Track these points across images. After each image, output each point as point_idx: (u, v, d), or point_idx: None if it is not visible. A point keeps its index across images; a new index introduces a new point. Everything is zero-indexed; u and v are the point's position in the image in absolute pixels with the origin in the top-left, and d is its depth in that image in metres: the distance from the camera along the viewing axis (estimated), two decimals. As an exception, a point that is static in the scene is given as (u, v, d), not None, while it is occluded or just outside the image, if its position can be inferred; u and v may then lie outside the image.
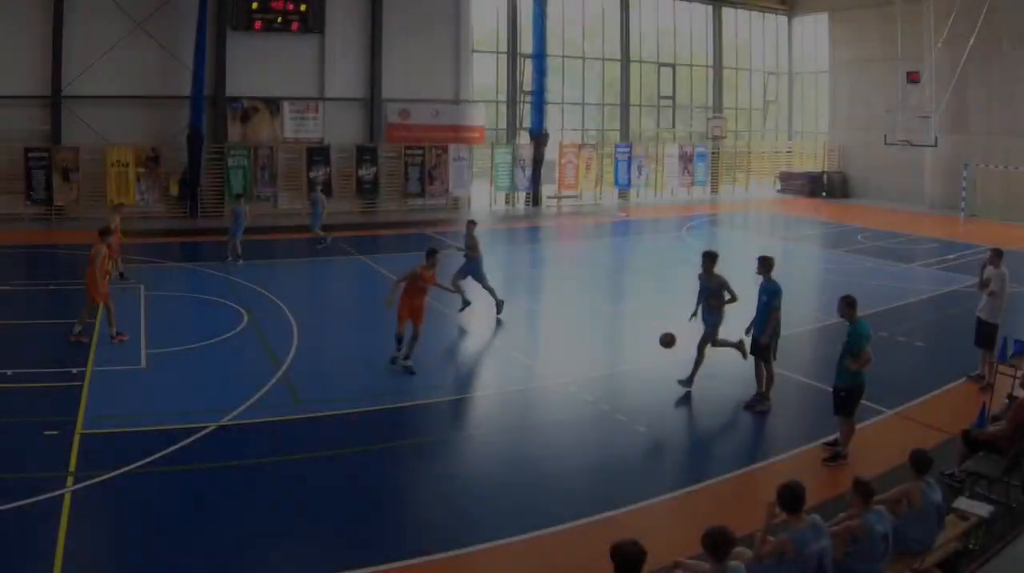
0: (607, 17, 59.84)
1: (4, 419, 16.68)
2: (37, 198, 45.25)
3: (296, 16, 49.15)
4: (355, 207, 51.32)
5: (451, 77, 54.39)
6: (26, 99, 45.47)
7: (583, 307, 28.29)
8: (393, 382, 19.77)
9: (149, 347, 21.92)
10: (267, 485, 14.62)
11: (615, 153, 58.44)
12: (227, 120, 49.27)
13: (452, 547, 12.50)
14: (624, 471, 15.46)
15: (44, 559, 11.68)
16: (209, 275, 30.94)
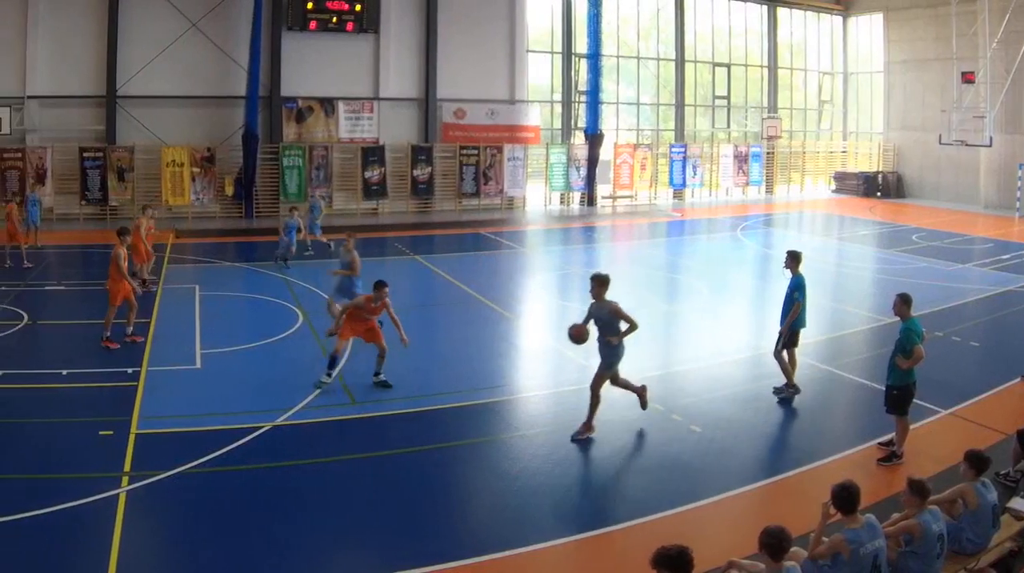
0: (662, 17, 57.86)
1: (60, 419, 16.43)
2: (92, 198, 44.06)
3: (351, 16, 47.63)
4: (410, 207, 50.03)
5: (506, 77, 52.66)
6: (81, 99, 44.30)
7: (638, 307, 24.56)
8: (448, 382, 19.25)
9: (203, 347, 21.45)
10: (321, 485, 14.20)
11: (670, 153, 56.49)
12: (282, 120, 47.87)
13: (505, 547, 12.13)
14: (678, 471, 14.92)
15: (99, 559, 11.40)
16: (264, 275, 29.99)
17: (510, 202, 52.32)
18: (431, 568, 11.49)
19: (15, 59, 43.29)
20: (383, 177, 48.79)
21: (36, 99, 43.71)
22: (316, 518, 12.91)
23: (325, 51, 47.76)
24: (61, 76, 43.91)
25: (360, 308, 18.85)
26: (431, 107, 50.58)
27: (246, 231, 42.76)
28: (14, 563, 11.33)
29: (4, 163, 42.87)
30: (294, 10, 46.37)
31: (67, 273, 30.71)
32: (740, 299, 21.19)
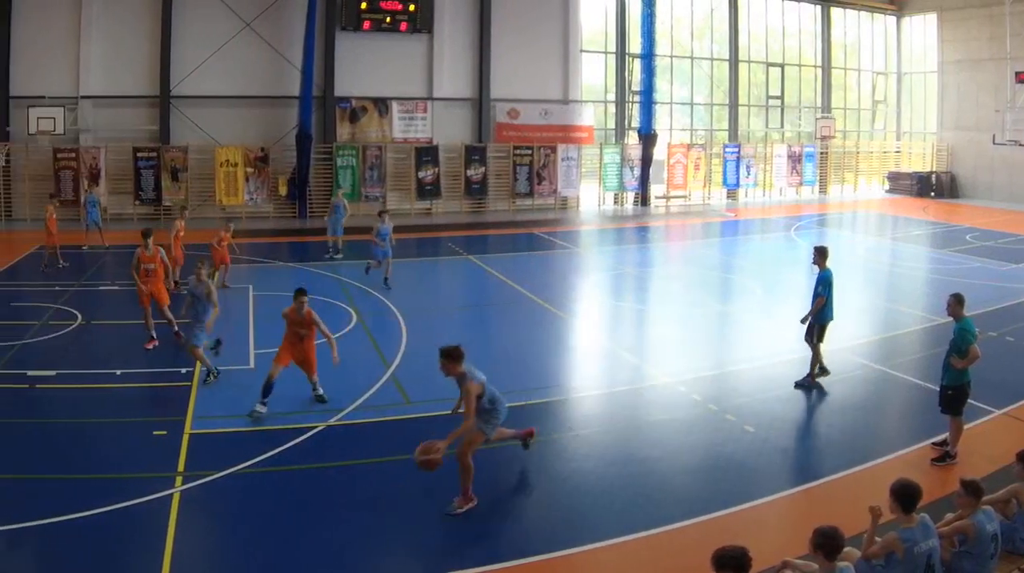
0: (716, 17, 55.44)
1: (114, 419, 16.05)
2: (146, 198, 42.69)
3: (405, 16, 45.90)
4: (463, 207, 48.24)
5: (560, 77, 50.41)
6: (135, 99, 42.91)
7: (691, 307, 26.41)
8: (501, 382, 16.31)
9: (257, 347, 20.76)
10: (374, 486, 13.81)
11: (723, 153, 54.27)
12: (336, 120, 46.08)
13: (560, 547, 11.75)
14: (732, 471, 14.33)
15: (153, 559, 11.12)
16: (318, 275, 28.94)
17: (564, 202, 50.44)
18: (484, 569, 11.16)
19: (69, 59, 41.98)
20: (437, 177, 47.14)
21: (90, 99, 42.33)
22: (369, 519, 12.57)
23: (379, 51, 46.25)
24: (115, 76, 42.54)
25: (289, 320, 17.00)
26: (485, 107, 48.67)
27: (299, 231, 41.21)
28: (70, 563, 11.09)
29: (58, 163, 41.44)
30: (348, 10, 45.02)
31: (121, 273, 28.85)
32: (793, 299, 20.80)
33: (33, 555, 11.42)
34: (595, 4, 51.82)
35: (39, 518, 11.96)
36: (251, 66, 44.14)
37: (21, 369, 18.51)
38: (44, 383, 17.51)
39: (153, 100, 43.33)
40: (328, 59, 45.11)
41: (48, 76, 41.71)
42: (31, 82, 41.46)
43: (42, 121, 40.88)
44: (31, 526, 11.83)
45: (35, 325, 22.14)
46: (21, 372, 18.34)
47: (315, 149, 44.35)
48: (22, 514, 12.04)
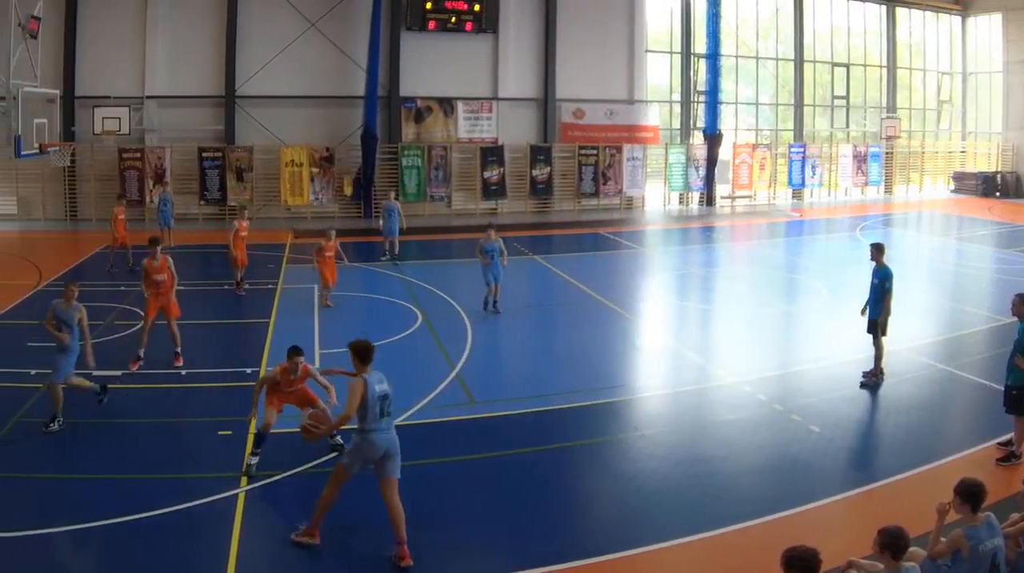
0: (781, 16, 52.59)
1: (179, 419, 15.61)
2: (211, 198, 40.71)
3: (470, 16, 43.46)
4: (528, 207, 45.58)
5: (625, 77, 47.46)
6: (200, 99, 41.01)
7: (757, 307, 25.34)
8: (567, 382, 17.85)
9: (322, 347, 19.87)
10: (439, 486, 13.12)
11: (789, 153, 50.97)
12: (401, 120, 43.68)
13: (625, 547, 11.24)
14: (797, 471, 13.70)
15: (218, 559, 10.64)
16: (383, 275, 28.14)
17: (629, 202, 47.68)
18: (550, 568, 10.71)
19: (134, 59, 40.29)
20: (502, 177, 44.62)
21: (155, 99, 40.51)
22: (433, 518, 12.04)
23: (444, 51, 43.84)
24: (180, 76, 40.73)
25: (277, 382, 13.93)
26: (550, 107, 45.87)
27: (365, 231, 38.40)
28: (136, 563, 10.69)
29: (123, 163, 39.66)
30: (413, 10, 42.72)
31: (185, 273, 26.75)
32: (858, 299, 18.70)
33: (100, 555, 11.00)
34: (660, 4, 49.01)
35: (105, 518, 11.52)
36: (316, 66, 42.07)
37: (87, 369, 16.94)
38: (110, 383, 16.35)
39: (218, 100, 41.39)
40: (393, 59, 42.96)
41: (113, 76, 39.96)
42: (96, 82, 39.68)
43: (107, 121, 39.01)
44: (97, 526, 11.40)
45: (100, 325, 20.70)
46: (87, 372, 16.84)
47: (380, 149, 42.18)
48: (88, 514, 11.61)
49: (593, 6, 46.29)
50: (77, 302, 15.52)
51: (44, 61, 33.32)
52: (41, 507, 12.01)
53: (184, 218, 38.28)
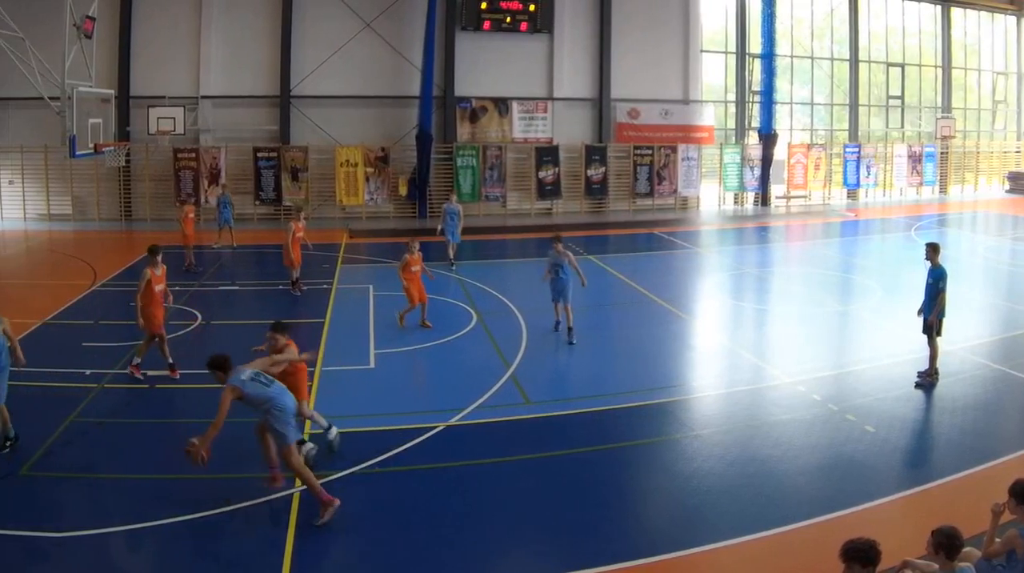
0: (836, 16, 49.83)
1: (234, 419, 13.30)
2: (266, 198, 38.92)
3: (525, 16, 41.31)
4: (583, 207, 43.22)
5: (680, 77, 44.90)
6: (255, 99, 39.22)
7: (812, 307, 24.19)
8: (622, 382, 17.17)
9: (377, 347, 19.29)
10: (494, 485, 12.44)
11: (844, 153, 48.77)
12: (456, 120, 41.53)
13: (679, 547, 10.71)
14: (852, 471, 12.92)
15: (274, 559, 10.23)
16: (438, 275, 25.60)
17: (684, 202, 45.22)
18: (605, 568, 10.13)
19: (189, 59, 38.74)
20: (557, 177, 42.31)
21: (210, 99, 38.92)
22: (489, 518, 11.55)
23: (499, 51, 41.78)
24: (235, 76, 39.07)
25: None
26: (605, 107, 43.40)
27: (420, 231, 35.79)
28: (191, 563, 10.25)
29: (179, 163, 37.99)
30: (468, 10, 40.72)
31: (241, 273, 27.96)
32: (913, 299, 18.00)
33: (155, 555, 10.61)
34: (715, 4, 46.57)
35: (161, 518, 11.13)
36: (371, 66, 40.25)
37: (142, 369, 16.96)
38: (164, 383, 16.23)
39: (273, 100, 39.57)
40: (448, 59, 40.91)
41: (168, 76, 38.46)
42: (151, 82, 38.16)
43: (162, 121, 37.35)
44: (153, 526, 11.02)
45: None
46: (142, 372, 16.90)
47: (435, 149, 40.24)
48: (144, 514, 11.23)
49: (648, 6, 43.98)
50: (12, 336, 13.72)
51: (99, 61, 31.62)
52: (97, 507, 11.60)
53: (239, 218, 36.44)
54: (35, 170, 37.99)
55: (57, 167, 37.18)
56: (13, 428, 13.44)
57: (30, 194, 38.28)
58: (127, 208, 38.55)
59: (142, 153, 38.13)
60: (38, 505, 11.56)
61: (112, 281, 25.64)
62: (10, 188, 38.04)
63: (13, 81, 31.91)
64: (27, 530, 10.78)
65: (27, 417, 14.16)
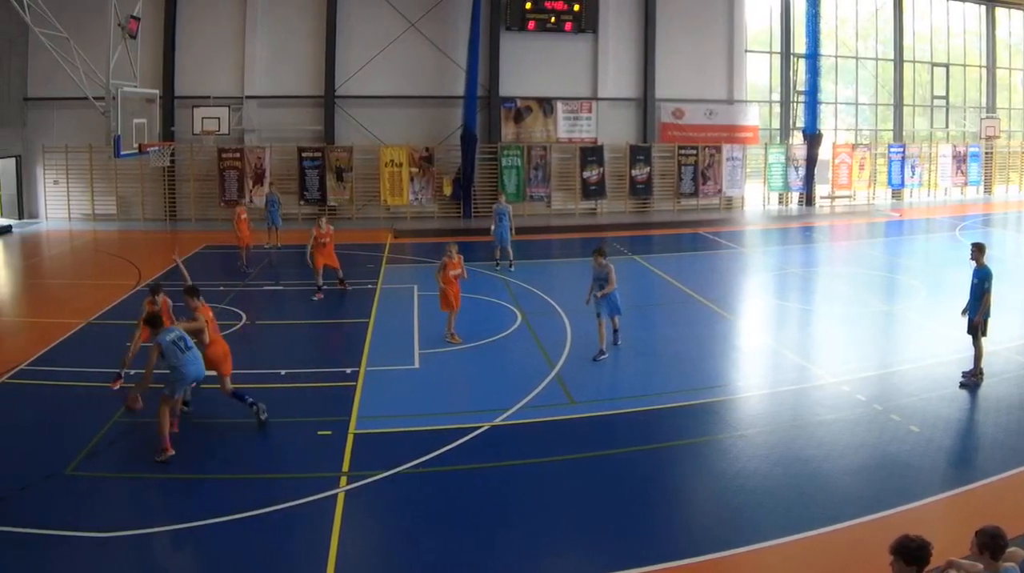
0: (880, 16, 47.62)
1: (278, 419, 14.20)
2: (311, 198, 37.27)
3: (570, 16, 39.51)
4: (628, 207, 41.27)
5: (724, 77, 42.82)
6: (299, 99, 37.74)
7: (856, 307, 23.21)
8: (666, 382, 16.62)
9: (422, 347, 18.61)
10: (539, 486, 12.09)
11: (888, 153, 46.55)
12: (500, 120, 39.72)
13: (724, 547, 10.27)
14: (896, 471, 12.40)
15: (318, 558, 9.92)
16: (483, 275, 25.87)
17: (728, 202, 43.09)
18: (650, 568, 9.78)
19: (234, 60, 37.39)
20: (601, 177, 40.41)
21: (254, 99, 37.41)
22: (534, 518, 11.07)
23: (543, 51, 39.94)
24: (279, 76, 37.62)
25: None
26: (649, 107, 41.37)
27: (464, 231, 35.29)
28: (236, 562, 9.88)
29: (223, 163, 36.43)
30: (513, 10, 38.89)
31: (285, 273, 26.94)
32: (958, 299, 17.51)
33: (200, 554, 10.20)
34: (760, 4, 44.43)
35: (205, 517, 10.74)
36: (415, 66, 38.61)
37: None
38: (209, 383, 14.82)
39: (317, 100, 37.98)
40: (493, 59, 39.18)
41: (213, 76, 37.16)
42: (196, 82, 36.91)
43: (207, 121, 35.96)
44: (198, 525, 10.61)
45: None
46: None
47: (480, 149, 38.52)
48: (189, 514, 10.86)
49: (693, 6, 41.96)
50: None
51: (143, 61, 30.36)
52: (141, 507, 11.30)
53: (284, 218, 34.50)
54: (80, 170, 36.83)
55: (102, 167, 36.08)
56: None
57: (75, 194, 37.12)
58: (171, 208, 37.26)
59: (186, 153, 36.83)
60: (82, 505, 11.15)
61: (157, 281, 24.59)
62: (55, 188, 36.99)
63: (58, 81, 31.30)
64: (71, 530, 10.40)
65: (71, 417, 14.04)
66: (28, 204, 37.35)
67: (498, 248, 27.22)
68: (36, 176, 37.25)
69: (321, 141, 37.83)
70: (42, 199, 37.37)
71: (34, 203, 37.45)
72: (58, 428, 13.60)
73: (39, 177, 37.26)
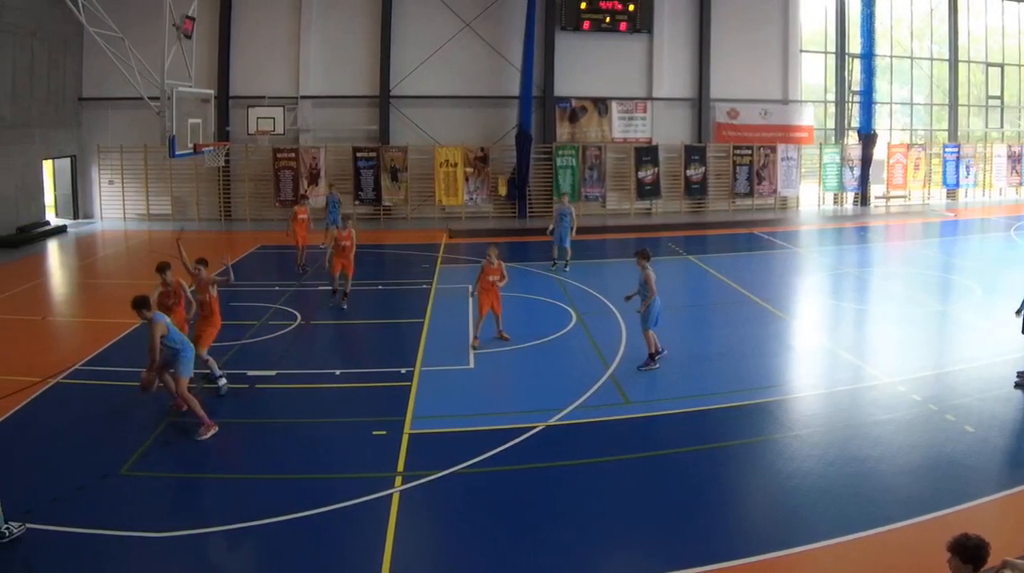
0: (935, 16, 45.56)
1: (333, 419, 13.82)
2: (366, 198, 35.71)
3: (624, 16, 37.80)
4: (683, 207, 39.46)
5: (779, 77, 40.90)
6: (354, 99, 36.27)
7: (911, 306, 22.23)
8: (721, 382, 15.62)
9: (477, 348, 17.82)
10: (594, 486, 11.60)
11: (943, 153, 44.50)
12: (555, 120, 37.99)
13: (779, 547, 9.84)
14: (952, 471, 11.87)
15: (373, 559, 9.51)
16: (537, 275, 25.33)
17: (783, 202, 41.15)
18: (704, 568, 9.35)
19: (288, 60, 36.04)
20: (656, 177, 38.60)
21: (309, 99, 35.94)
22: (588, 518, 10.61)
23: (598, 51, 38.26)
24: (334, 76, 36.20)
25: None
26: (704, 107, 39.62)
27: (519, 231, 33.98)
28: (291, 562, 9.49)
29: (278, 163, 34.98)
30: (568, 10, 37.23)
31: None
32: (1013, 299, 17.02)
33: (255, 555, 9.75)
34: (815, 4, 42.60)
35: (260, 518, 10.21)
36: (470, 66, 37.03)
37: (241, 369, 16.05)
38: (264, 383, 15.31)
39: (372, 100, 36.49)
40: (548, 59, 37.51)
41: (268, 76, 35.81)
42: (251, 82, 35.59)
43: (262, 121, 34.54)
44: (252, 526, 10.10)
45: (254, 325, 19.30)
46: (241, 372, 15.89)
47: (535, 149, 36.89)
48: (243, 514, 10.33)
49: (747, 6, 40.11)
50: None
51: (198, 61, 29.28)
52: (195, 507, 11.03)
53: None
54: (135, 170, 35.67)
55: (157, 167, 34.93)
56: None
57: (130, 194, 35.99)
58: (226, 208, 35.95)
59: (241, 153, 35.43)
60: (137, 505, 10.75)
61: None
62: (110, 188, 35.91)
63: (113, 81, 30.36)
64: (126, 530, 10.01)
65: (126, 416, 13.66)
66: (83, 204, 36.31)
67: (555, 247, 25.95)
68: (91, 176, 36.17)
69: (376, 141, 36.42)
70: (97, 199, 36.27)
71: (89, 203, 36.37)
72: (113, 428, 13.18)
73: (94, 177, 36.18)
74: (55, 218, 34.92)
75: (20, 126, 31.53)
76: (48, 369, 15.94)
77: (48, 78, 33.11)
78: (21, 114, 31.57)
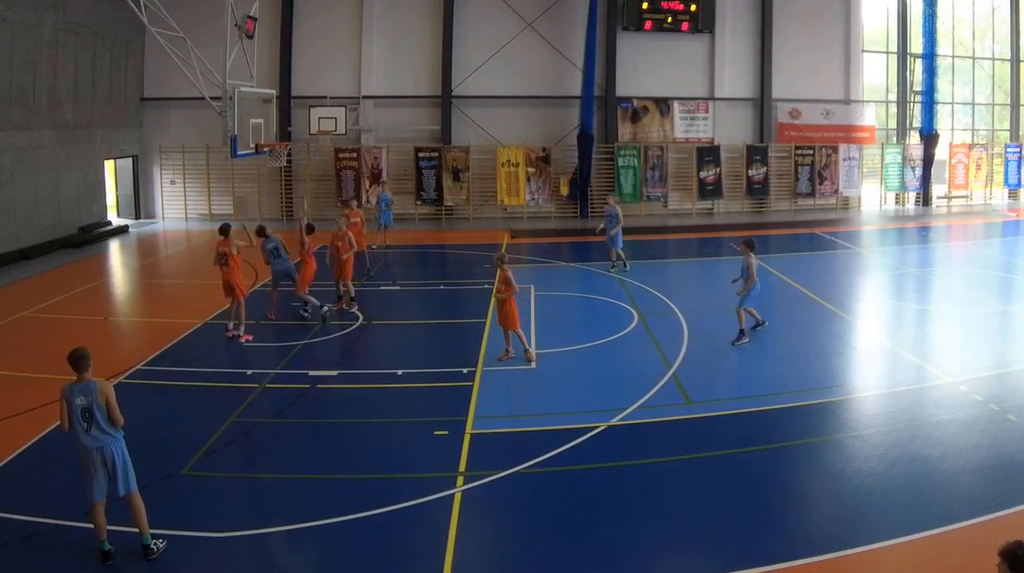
0: (997, 16, 41.21)
1: (395, 419, 12.93)
2: (427, 198, 32.51)
3: (686, 16, 34.06)
4: (744, 207, 35.81)
5: (841, 76, 36.96)
6: (416, 99, 33.00)
7: (973, 306, 20.31)
8: (783, 382, 14.46)
9: (538, 347, 16.22)
10: (655, 486, 10.75)
11: (1005, 153, 40.17)
12: (617, 120, 34.41)
13: (840, 547, 9.05)
14: (1014, 470, 10.84)
15: (435, 558, 8.84)
16: (599, 275, 23.53)
17: (845, 202, 37.44)
18: (766, 568, 8.58)
19: (350, 60, 32.93)
20: (718, 177, 34.99)
21: (371, 99, 32.83)
22: (649, 518, 9.84)
23: (660, 51, 34.64)
24: (396, 76, 33.09)
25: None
26: (766, 107, 35.85)
27: (581, 231, 30.75)
28: (353, 562, 8.86)
29: (340, 163, 31.93)
30: (629, 10, 33.74)
31: (402, 273, 24.35)
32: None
33: (317, 554, 9.09)
34: (877, 4, 38.71)
35: (322, 517, 9.59)
36: (532, 66, 33.68)
37: (303, 369, 14.92)
38: (325, 383, 14.15)
39: (434, 100, 33.24)
40: (609, 59, 34.01)
41: (329, 76, 32.74)
42: (312, 82, 32.59)
43: (323, 121, 31.52)
44: (315, 525, 9.49)
45: (316, 326, 17.97)
46: (303, 372, 14.77)
47: (596, 149, 33.38)
48: (305, 514, 9.71)
49: (809, 6, 36.27)
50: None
51: (260, 61, 26.60)
52: (258, 507, 10.07)
53: (401, 218, 31.27)
54: (197, 170, 32.84)
55: (218, 167, 32.06)
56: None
57: (191, 194, 33.19)
58: (288, 208, 32.89)
59: (303, 153, 32.64)
60: (199, 505, 9.93)
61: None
62: (172, 188, 33.18)
63: (175, 81, 27.88)
64: (188, 530, 9.21)
65: (187, 417, 12.97)
66: (145, 204, 33.63)
67: (611, 250, 23.76)
68: (153, 176, 33.47)
69: (438, 141, 33.25)
70: (159, 199, 33.55)
71: (151, 203, 33.68)
72: (175, 428, 12.45)
73: (156, 177, 33.47)
74: (117, 218, 32.40)
75: (82, 126, 29.01)
76: (109, 369, 14.66)
77: (110, 78, 30.48)
78: (83, 114, 29.04)
